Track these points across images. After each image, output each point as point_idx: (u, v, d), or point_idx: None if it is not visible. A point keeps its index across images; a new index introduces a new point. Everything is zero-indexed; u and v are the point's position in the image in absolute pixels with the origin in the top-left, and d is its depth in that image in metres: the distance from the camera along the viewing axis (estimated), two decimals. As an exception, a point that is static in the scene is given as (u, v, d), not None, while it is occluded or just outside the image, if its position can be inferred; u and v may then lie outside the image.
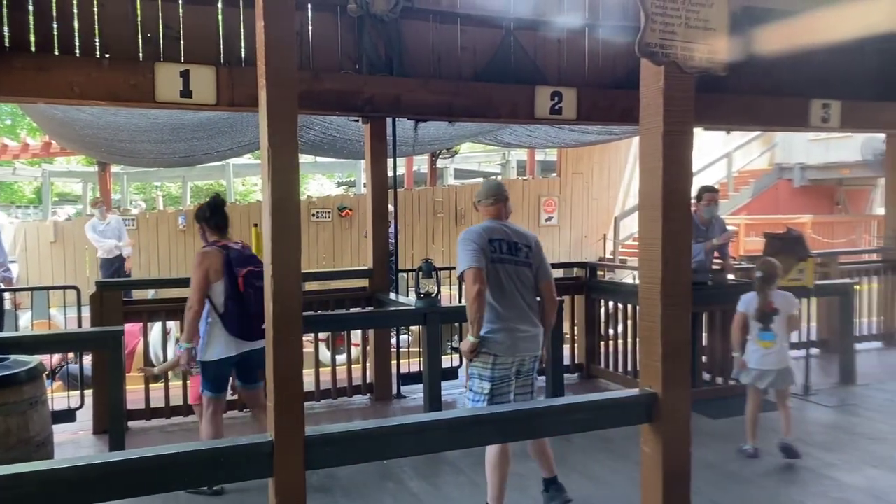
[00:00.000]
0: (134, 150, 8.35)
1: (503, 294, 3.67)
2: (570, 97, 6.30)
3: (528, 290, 3.76)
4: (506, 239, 3.74)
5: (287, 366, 2.13)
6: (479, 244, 3.64)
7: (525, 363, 3.72)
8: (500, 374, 3.65)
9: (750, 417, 4.82)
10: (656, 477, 2.49)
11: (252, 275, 4.07)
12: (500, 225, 3.80)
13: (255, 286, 4.03)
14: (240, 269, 4.08)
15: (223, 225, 4.30)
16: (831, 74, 7.29)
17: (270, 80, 2.05)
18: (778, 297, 4.78)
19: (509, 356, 3.65)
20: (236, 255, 4.14)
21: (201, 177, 22.03)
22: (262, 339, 3.98)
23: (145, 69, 5.05)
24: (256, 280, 4.03)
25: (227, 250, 4.15)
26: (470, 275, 3.57)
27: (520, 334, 3.66)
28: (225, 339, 4.11)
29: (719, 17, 2.45)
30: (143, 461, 2.12)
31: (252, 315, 4.01)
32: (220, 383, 4.24)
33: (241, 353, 4.17)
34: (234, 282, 4.06)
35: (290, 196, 2.07)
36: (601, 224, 16.50)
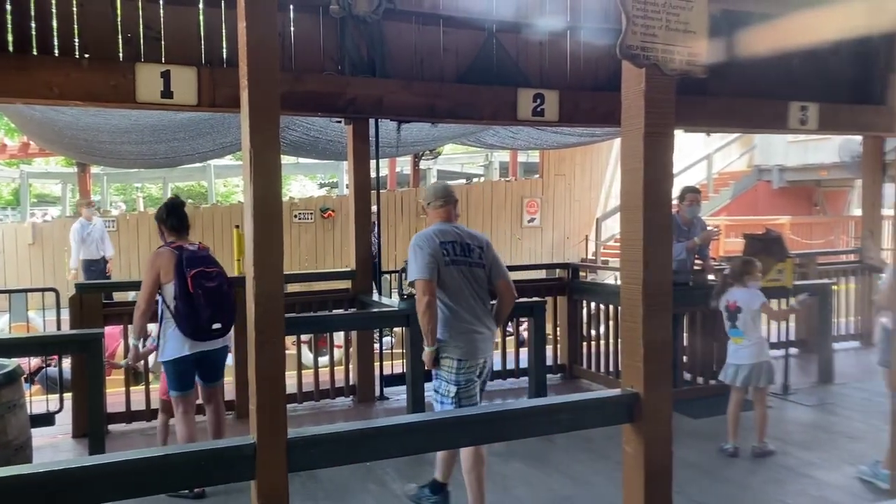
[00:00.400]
0: (114, 152, 8.27)
1: (461, 297, 3.69)
2: (553, 99, 6.33)
3: (483, 291, 3.80)
4: (458, 241, 3.76)
5: (269, 367, 2.12)
6: (431, 250, 3.64)
7: (486, 364, 3.79)
8: (466, 378, 3.69)
9: (732, 416, 4.87)
10: (638, 476, 2.50)
11: (201, 275, 4.10)
12: (452, 227, 3.81)
13: (204, 287, 4.08)
14: (189, 270, 4.08)
15: (179, 226, 4.32)
16: (809, 77, 7.39)
17: (252, 80, 2.04)
18: (740, 294, 4.84)
19: (472, 359, 3.69)
20: (189, 256, 4.14)
21: (182, 178, 21.87)
22: (217, 338, 4.18)
23: (125, 69, 5.01)
24: (206, 281, 4.09)
25: (180, 251, 4.16)
26: (420, 286, 3.59)
27: (478, 336, 3.72)
28: (179, 338, 4.14)
29: (699, 20, 2.47)
30: (123, 465, 2.10)
31: (202, 316, 4.07)
32: (183, 382, 4.27)
33: (198, 353, 4.21)
34: (184, 282, 4.07)
35: (272, 197, 2.06)
36: (583, 225, 16.58)
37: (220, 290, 4.15)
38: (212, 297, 4.10)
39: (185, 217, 4.37)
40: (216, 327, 4.13)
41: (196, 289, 4.07)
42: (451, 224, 3.83)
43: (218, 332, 4.17)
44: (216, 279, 4.16)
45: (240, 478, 2.20)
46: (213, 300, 4.10)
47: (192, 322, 4.08)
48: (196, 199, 24.00)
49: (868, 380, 6.33)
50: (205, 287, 4.08)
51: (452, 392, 3.67)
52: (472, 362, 3.69)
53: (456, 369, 3.66)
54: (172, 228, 4.31)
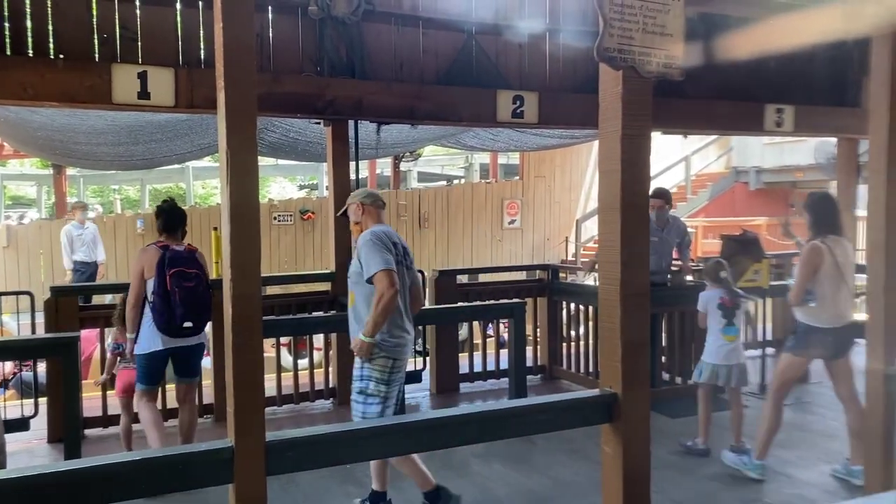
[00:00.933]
0: (90, 153, 8.18)
1: (401, 298, 3.75)
2: (532, 101, 6.35)
3: (409, 294, 3.88)
4: (400, 242, 3.85)
5: (247, 370, 2.10)
6: (388, 246, 3.68)
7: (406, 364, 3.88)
8: (396, 378, 3.74)
9: (707, 416, 4.90)
10: (617, 476, 2.52)
11: (179, 275, 4.32)
12: (392, 229, 3.89)
13: (181, 286, 4.31)
14: (169, 269, 4.31)
15: (169, 227, 4.57)
16: (785, 80, 7.47)
17: (229, 81, 2.03)
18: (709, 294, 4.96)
19: (402, 359, 3.78)
20: (172, 256, 4.38)
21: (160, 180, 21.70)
22: (191, 336, 4.41)
23: (101, 70, 4.95)
24: (184, 281, 4.32)
25: (165, 250, 4.40)
26: (387, 276, 3.58)
27: (408, 336, 3.81)
28: (153, 333, 4.37)
29: (675, 23, 2.50)
30: (99, 469, 2.08)
31: (175, 313, 4.29)
32: (151, 376, 4.51)
33: (170, 349, 4.43)
34: (163, 280, 4.30)
35: (250, 199, 2.05)
36: (563, 226, 16.65)
37: (196, 290, 4.36)
38: (187, 297, 4.31)
39: (176, 219, 4.62)
40: (187, 325, 4.35)
41: (173, 287, 4.29)
42: (386, 226, 3.90)
43: (189, 331, 4.39)
44: (194, 280, 4.37)
45: (218, 482, 2.19)
46: (188, 299, 4.31)
47: (166, 318, 4.30)
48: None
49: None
50: (181, 286, 4.30)
51: (383, 392, 3.69)
52: (402, 362, 3.77)
53: (390, 368, 3.69)
54: (163, 229, 4.58)
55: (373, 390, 3.69)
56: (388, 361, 3.69)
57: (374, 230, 3.76)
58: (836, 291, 4.37)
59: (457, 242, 15.63)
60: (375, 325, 3.61)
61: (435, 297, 6.50)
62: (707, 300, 4.96)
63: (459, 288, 6.78)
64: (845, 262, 4.43)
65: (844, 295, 4.41)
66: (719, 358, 4.83)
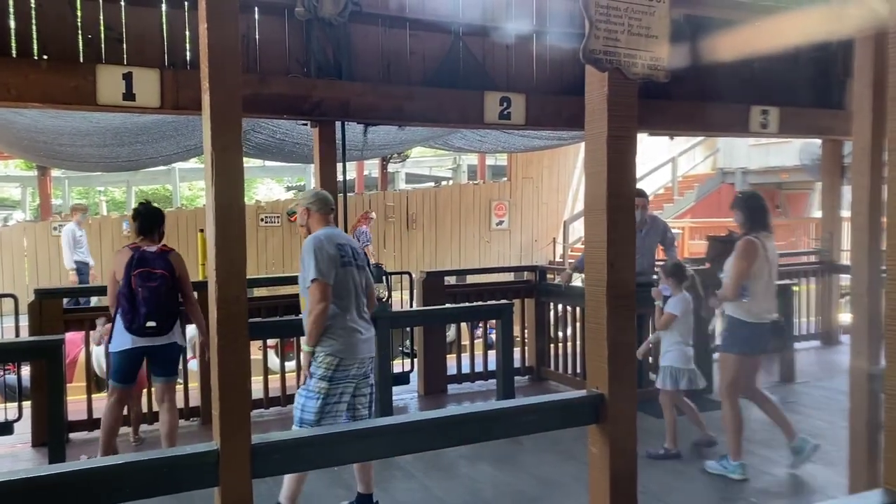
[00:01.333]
0: (75, 154, 8.12)
1: (348, 298, 3.75)
2: (519, 102, 6.36)
3: (364, 293, 3.89)
4: (348, 244, 3.85)
5: (233, 373, 2.09)
6: (330, 252, 3.67)
7: (364, 364, 3.83)
8: (341, 376, 3.72)
9: (674, 420, 4.89)
10: (603, 477, 2.52)
11: (143, 275, 4.40)
12: (338, 232, 3.90)
13: (144, 286, 4.39)
14: (135, 270, 4.40)
15: (143, 228, 4.63)
16: (770, 82, 7.53)
17: (214, 82, 2.01)
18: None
19: (351, 359, 3.73)
20: (139, 257, 4.45)
21: (146, 181, 21.59)
22: (152, 336, 4.44)
23: (86, 71, 4.92)
24: (148, 281, 4.40)
25: (135, 251, 4.48)
26: (321, 289, 3.60)
27: (360, 336, 3.78)
28: (122, 332, 4.45)
29: (661, 24, 2.50)
30: (83, 473, 2.06)
31: (139, 313, 4.38)
32: (122, 374, 4.56)
33: (141, 347, 4.47)
34: (129, 280, 4.39)
35: (235, 201, 2.03)
36: (551, 227, 16.70)
37: (159, 290, 4.43)
38: (150, 297, 4.39)
39: (151, 220, 4.67)
40: (150, 325, 4.41)
41: (137, 287, 4.38)
42: (334, 229, 3.90)
43: (152, 330, 4.43)
44: (157, 280, 4.43)
45: (203, 485, 2.17)
46: (151, 299, 4.39)
47: (131, 318, 4.39)
48: (161, 203, 23.67)
49: (828, 378, 6.46)
50: (145, 286, 4.39)
51: (324, 389, 3.68)
52: (350, 361, 3.73)
53: (334, 367, 3.68)
54: (138, 230, 4.64)
55: (313, 386, 3.70)
56: (332, 360, 3.68)
57: (317, 235, 3.76)
58: (766, 286, 4.49)
59: (444, 243, 15.64)
60: (309, 335, 3.67)
61: (422, 298, 6.50)
62: (680, 304, 4.87)
63: (447, 289, 6.77)
64: (773, 258, 4.57)
65: (772, 290, 4.55)
66: (681, 362, 4.84)
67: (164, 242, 4.68)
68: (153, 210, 4.77)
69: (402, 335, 7.65)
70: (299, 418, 3.76)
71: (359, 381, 3.83)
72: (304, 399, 3.74)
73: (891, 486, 1.99)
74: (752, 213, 4.60)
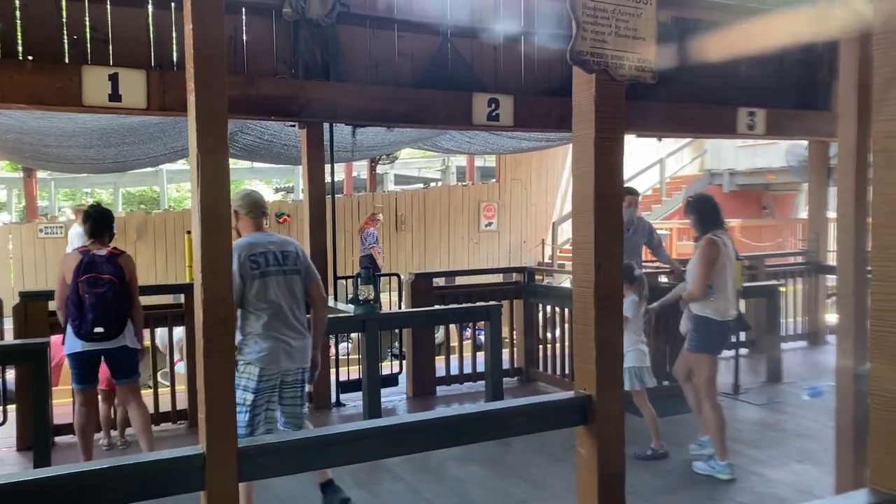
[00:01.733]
0: (61, 156, 8.06)
1: (269, 307, 3.64)
2: (507, 104, 6.36)
3: (297, 300, 3.76)
4: (271, 250, 3.73)
5: (218, 375, 2.08)
6: (236, 267, 3.54)
7: (290, 374, 3.72)
8: (265, 386, 3.64)
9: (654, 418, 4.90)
10: (591, 478, 2.52)
11: (90, 281, 4.38)
12: (264, 237, 3.80)
13: (91, 292, 4.36)
14: (82, 275, 4.37)
15: (94, 231, 4.59)
16: (757, 84, 7.57)
17: (199, 83, 2.00)
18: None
19: (274, 368, 3.65)
20: (88, 261, 4.42)
21: (134, 183, 21.48)
22: (108, 340, 4.42)
23: (71, 72, 4.89)
24: (94, 287, 4.38)
25: (84, 255, 4.46)
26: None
27: (286, 347, 3.66)
28: (72, 337, 4.44)
29: (648, 26, 2.51)
30: (67, 478, 2.03)
31: (86, 318, 4.36)
32: (80, 376, 4.56)
33: (93, 350, 4.46)
34: (76, 285, 4.38)
35: (221, 202, 2.02)
36: (540, 229, 16.72)
37: (106, 296, 4.40)
38: (97, 303, 4.37)
39: (102, 223, 4.62)
40: (98, 331, 4.39)
41: (84, 293, 4.36)
42: (263, 233, 3.82)
43: (100, 336, 4.40)
44: (105, 286, 4.41)
45: (189, 489, 2.15)
46: (98, 305, 4.37)
47: (78, 323, 4.38)
48: (148, 205, 23.55)
49: (815, 378, 6.49)
50: (92, 292, 4.36)
51: (249, 400, 3.61)
52: (273, 371, 3.65)
53: (257, 377, 3.60)
54: (89, 233, 4.62)
55: (239, 398, 3.57)
56: (254, 369, 3.60)
57: (239, 242, 3.69)
58: (727, 284, 4.58)
59: (433, 245, 15.63)
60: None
61: (411, 300, 6.49)
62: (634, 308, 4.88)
63: (436, 291, 6.77)
64: (732, 255, 4.66)
65: (732, 287, 4.64)
66: (638, 361, 4.88)
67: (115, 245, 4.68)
68: (104, 212, 4.73)
69: (391, 337, 7.64)
70: None
71: (286, 390, 3.73)
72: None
73: (877, 485, 2.00)
74: (705, 213, 4.67)
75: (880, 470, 2.00)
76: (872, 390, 2.01)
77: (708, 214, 4.65)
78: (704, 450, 4.64)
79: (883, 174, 2.00)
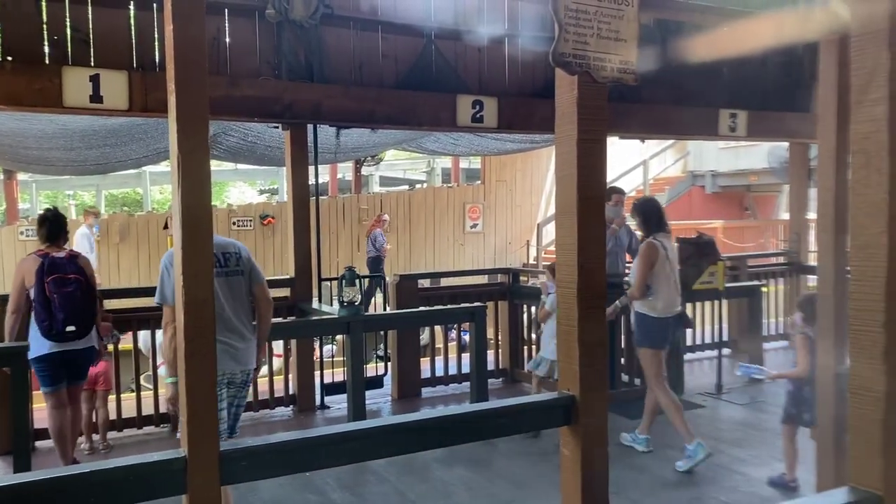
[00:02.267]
0: (42, 158, 7.97)
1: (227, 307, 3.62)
2: (492, 106, 6.37)
3: (241, 302, 3.74)
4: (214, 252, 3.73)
5: (200, 377, 2.06)
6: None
7: (237, 376, 3.68)
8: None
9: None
10: (575, 478, 2.52)
11: (57, 281, 4.43)
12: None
13: (59, 292, 4.42)
14: (48, 276, 4.42)
15: (50, 234, 4.65)
16: (738, 86, 7.63)
17: (180, 84, 1.99)
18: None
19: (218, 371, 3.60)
20: (50, 263, 4.48)
21: (117, 185, 21.30)
22: (75, 340, 4.49)
23: (52, 73, 4.84)
24: (62, 287, 4.43)
25: (44, 258, 4.51)
26: (167, 313, 3.50)
27: (229, 349, 3.61)
28: (38, 338, 4.46)
29: (629, 28, 2.52)
30: (47, 483, 2.01)
31: (56, 318, 4.41)
32: (48, 378, 4.57)
33: (60, 352, 4.50)
34: (42, 287, 4.42)
35: (201, 203, 2.01)
36: (525, 230, 16.75)
37: (75, 295, 4.47)
38: (66, 302, 4.43)
39: (58, 226, 4.70)
40: (70, 330, 4.45)
41: (52, 293, 4.40)
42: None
43: (73, 335, 4.47)
44: (72, 285, 4.48)
45: (171, 492, 2.14)
46: (67, 304, 4.43)
47: (48, 324, 4.41)
48: (131, 207, 23.37)
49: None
50: (60, 292, 4.42)
51: None
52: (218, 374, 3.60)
53: None
54: (45, 237, 4.66)
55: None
56: None
57: (171, 251, 3.60)
58: (667, 283, 4.84)
59: (419, 247, 15.62)
60: (170, 363, 3.55)
61: (396, 301, 6.48)
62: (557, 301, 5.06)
63: (421, 292, 6.76)
64: (672, 257, 4.94)
65: (673, 286, 4.90)
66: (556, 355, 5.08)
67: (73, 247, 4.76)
68: (59, 216, 4.80)
69: (376, 339, 7.62)
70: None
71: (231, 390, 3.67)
72: None
73: (856, 483, 2.02)
74: (648, 217, 4.93)
75: (860, 467, 2.02)
76: (852, 389, 2.03)
77: (652, 218, 4.92)
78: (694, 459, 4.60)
79: (861, 174, 2.02)
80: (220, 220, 13.90)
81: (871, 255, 1.98)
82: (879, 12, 1.96)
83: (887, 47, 1.94)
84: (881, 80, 1.95)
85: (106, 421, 5.31)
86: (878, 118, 1.96)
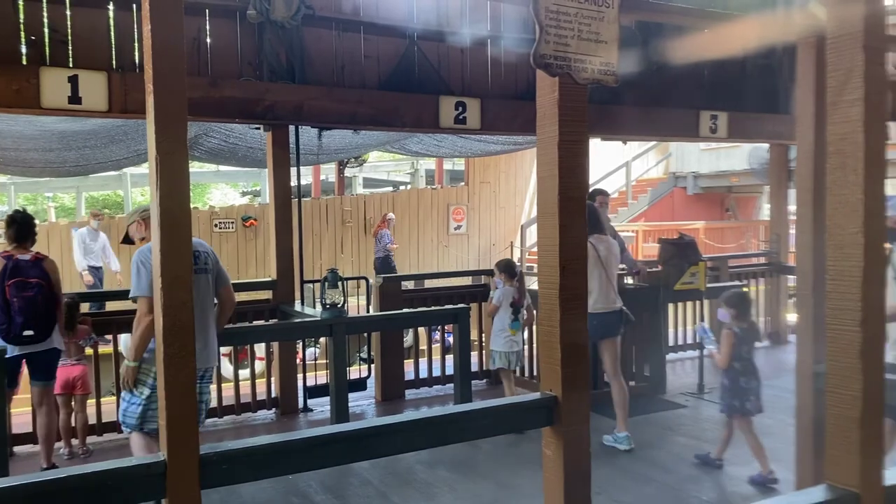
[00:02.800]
0: (19, 159, 7.87)
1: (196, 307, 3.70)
2: (474, 107, 6.38)
3: (207, 300, 3.87)
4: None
5: (179, 380, 2.04)
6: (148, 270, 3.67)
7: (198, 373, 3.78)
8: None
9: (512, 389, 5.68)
10: (558, 478, 2.53)
11: (18, 285, 4.45)
12: None
13: (20, 296, 4.44)
14: (9, 279, 4.44)
15: (17, 237, 4.66)
16: (719, 88, 7.69)
17: (158, 84, 1.97)
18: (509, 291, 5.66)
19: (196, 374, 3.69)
20: (13, 266, 4.50)
21: (97, 187, 21.09)
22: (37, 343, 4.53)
23: (29, 73, 4.79)
24: (23, 291, 4.45)
25: (8, 260, 4.52)
26: (145, 304, 3.65)
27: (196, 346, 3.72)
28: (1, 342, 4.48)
29: (610, 30, 2.53)
30: (24, 488, 1.99)
31: (15, 322, 4.42)
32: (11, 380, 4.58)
33: (22, 354, 4.54)
34: (2, 290, 4.43)
35: (180, 205, 1.99)
36: (509, 231, 16.78)
37: (35, 299, 4.48)
38: (26, 306, 4.45)
39: (27, 228, 4.71)
40: (27, 334, 4.47)
41: (12, 297, 4.42)
42: None
43: (30, 339, 4.49)
44: (33, 289, 4.49)
45: (150, 497, 2.12)
46: (27, 309, 4.44)
47: (6, 328, 4.43)
48: (112, 209, 23.15)
49: (777, 377, 6.59)
50: (20, 296, 4.43)
51: (146, 394, 3.76)
52: None
53: (154, 374, 3.67)
54: (10, 238, 4.67)
55: (137, 391, 3.79)
56: (152, 367, 3.68)
57: (143, 248, 3.81)
58: (599, 280, 5.12)
59: (403, 248, 15.60)
60: (135, 349, 3.71)
61: (380, 303, 6.46)
62: (503, 296, 5.64)
63: (404, 294, 6.75)
64: (608, 255, 5.19)
65: (606, 283, 5.18)
66: (506, 346, 5.63)
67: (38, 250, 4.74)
68: (28, 217, 4.82)
69: (360, 341, 7.60)
70: (122, 421, 3.93)
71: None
72: (126, 404, 3.85)
73: (832, 481, 2.04)
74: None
75: (836, 465, 2.04)
76: (829, 387, 2.05)
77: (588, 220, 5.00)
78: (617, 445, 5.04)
79: (838, 175, 2.04)
80: (202, 222, 13.81)
81: (848, 255, 2.00)
82: (855, 14, 1.98)
83: (862, 49, 1.96)
84: (857, 81, 1.97)
85: (85, 425, 5.26)
86: (853, 119, 1.98)
